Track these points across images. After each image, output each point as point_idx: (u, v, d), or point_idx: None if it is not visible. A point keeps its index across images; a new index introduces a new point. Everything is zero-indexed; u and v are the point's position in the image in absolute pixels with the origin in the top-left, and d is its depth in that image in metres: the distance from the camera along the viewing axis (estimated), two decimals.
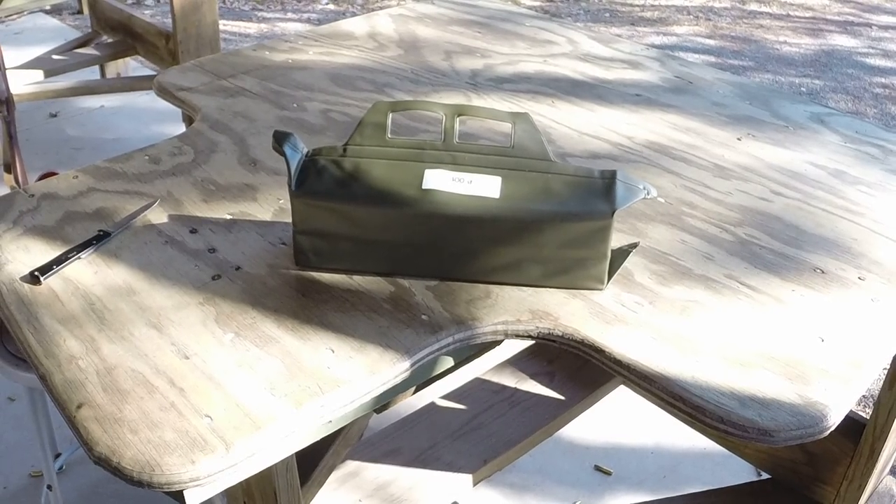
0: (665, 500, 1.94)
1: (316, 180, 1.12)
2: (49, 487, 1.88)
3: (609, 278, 1.14)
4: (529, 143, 1.14)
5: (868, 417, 1.67)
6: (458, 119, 1.15)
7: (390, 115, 1.16)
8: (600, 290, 1.14)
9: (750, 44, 5.51)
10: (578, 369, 2.02)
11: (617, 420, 2.39)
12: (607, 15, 5.93)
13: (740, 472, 2.27)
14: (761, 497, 1.88)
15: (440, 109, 1.15)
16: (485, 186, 1.11)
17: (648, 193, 1.12)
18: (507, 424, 1.84)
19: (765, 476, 1.97)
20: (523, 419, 1.86)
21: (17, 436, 2.28)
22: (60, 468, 2.13)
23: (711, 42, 5.52)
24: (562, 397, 1.94)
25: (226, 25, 5.33)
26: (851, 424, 1.70)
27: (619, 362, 1.02)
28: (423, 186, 1.11)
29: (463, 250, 1.12)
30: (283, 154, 1.12)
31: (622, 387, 2.07)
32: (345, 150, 1.14)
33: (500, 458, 1.78)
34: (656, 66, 1.88)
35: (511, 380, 1.98)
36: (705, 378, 0.99)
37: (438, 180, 1.11)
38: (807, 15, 6.13)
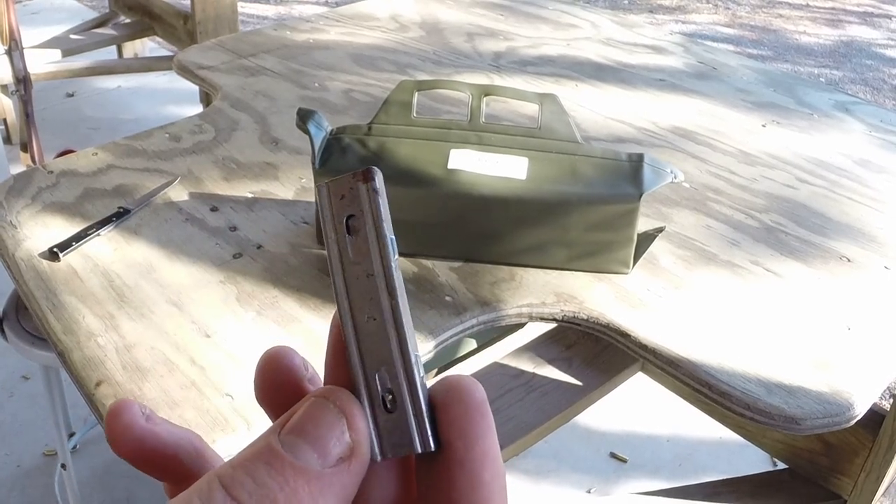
0: (680, 488, 1.92)
1: (340, 158, 1.11)
2: (63, 466, 1.88)
3: (634, 262, 1.13)
4: (557, 124, 1.12)
5: (888, 409, 1.66)
6: (484, 99, 1.14)
7: (416, 95, 1.14)
8: (626, 273, 1.13)
9: (769, 33, 5.47)
10: (596, 355, 2.01)
11: (633, 408, 2.38)
12: (626, 2, 5.89)
13: (756, 461, 2.25)
14: (778, 487, 1.87)
15: (467, 89, 1.14)
16: (511, 167, 1.09)
17: (675, 177, 1.11)
18: (525, 409, 1.83)
19: (781, 466, 1.95)
20: (541, 404, 1.85)
21: (31, 414, 2.28)
22: (74, 447, 2.13)
23: (730, 31, 5.48)
24: (579, 383, 1.93)
25: (243, 7, 5.31)
26: (870, 416, 1.69)
27: (644, 347, 1.01)
28: (449, 166, 1.09)
29: (488, 231, 1.11)
30: (307, 131, 1.11)
31: (639, 374, 2.06)
32: (370, 128, 1.13)
33: (518, 443, 1.77)
34: (680, 51, 1.86)
35: (529, 365, 1.97)
36: (731, 364, 0.98)
37: (464, 160, 1.10)
38: (826, 5, 6.09)
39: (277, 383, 0.35)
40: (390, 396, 0.33)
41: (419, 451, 0.32)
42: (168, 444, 0.36)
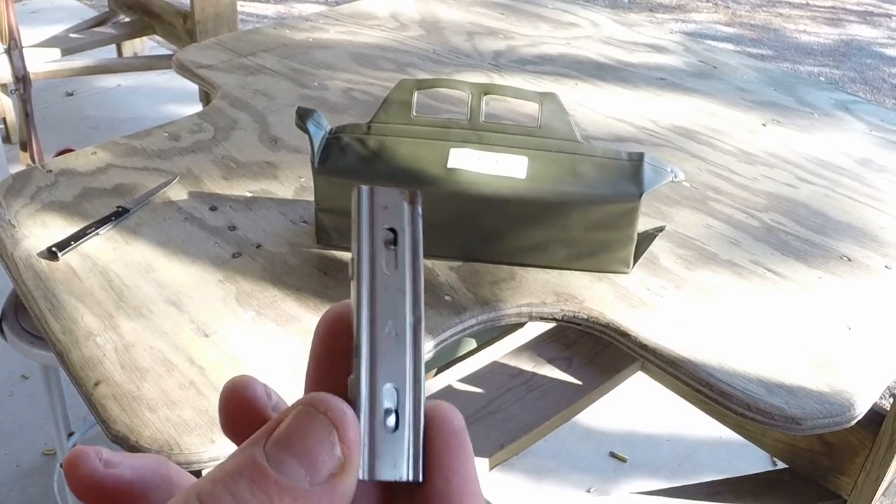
0: (680, 487, 1.92)
1: (339, 157, 1.10)
2: (62, 466, 1.87)
3: (635, 262, 1.13)
4: (557, 123, 1.12)
5: (888, 409, 1.66)
6: (484, 98, 1.14)
7: (415, 94, 1.14)
8: (626, 273, 1.12)
9: (769, 32, 5.47)
10: (596, 354, 2.01)
11: (633, 407, 2.38)
12: (626, 1, 5.89)
13: (756, 461, 2.25)
14: (778, 487, 1.86)
15: (466, 88, 1.14)
16: (511, 166, 1.09)
17: (676, 176, 1.11)
18: (524, 409, 1.83)
19: (781, 466, 1.95)
20: (540, 404, 1.85)
21: (30, 414, 2.28)
22: (73, 447, 2.12)
23: (730, 30, 5.48)
24: (579, 382, 1.93)
25: (243, 6, 5.31)
26: (871, 415, 1.68)
27: (644, 347, 1.01)
28: (448, 165, 1.09)
29: (488, 231, 1.11)
30: (306, 130, 1.11)
31: (639, 373, 2.05)
32: (369, 127, 1.13)
33: (517, 443, 1.77)
34: (680, 50, 1.86)
35: (529, 364, 1.97)
36: (732, 364, 0.98)
37: (464, 159, 1.09)
38: (826, 4, 6.09)
39: (241, 414, 0.34)
40: (392, 416, 0.31)
41: (409, 479, 0.31)
42: (133, 481, 0.35)
